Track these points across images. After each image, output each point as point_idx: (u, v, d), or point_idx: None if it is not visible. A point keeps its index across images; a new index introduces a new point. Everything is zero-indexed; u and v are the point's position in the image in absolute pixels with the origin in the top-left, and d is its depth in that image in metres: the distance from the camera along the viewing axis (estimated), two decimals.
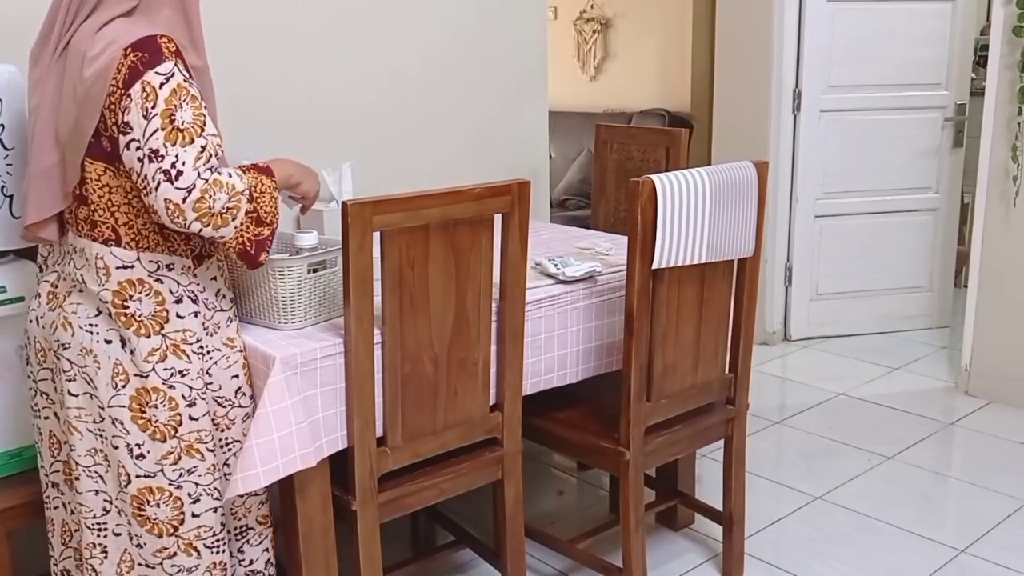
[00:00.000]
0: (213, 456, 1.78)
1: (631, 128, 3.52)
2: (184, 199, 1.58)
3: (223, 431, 1.83)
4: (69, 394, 1.75)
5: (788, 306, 4.38)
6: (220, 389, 1.80)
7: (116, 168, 1.66)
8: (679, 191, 2.02)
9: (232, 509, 1.89)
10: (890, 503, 2.87)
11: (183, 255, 1.74)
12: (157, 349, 1.71)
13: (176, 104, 1.59)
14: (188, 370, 1.74)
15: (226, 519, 1.87)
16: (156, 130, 1.58)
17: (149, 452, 1.72)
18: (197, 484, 1.77)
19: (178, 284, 1.73)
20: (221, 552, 1.82)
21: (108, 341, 1.71)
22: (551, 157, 4.17)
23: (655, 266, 2.04)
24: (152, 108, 1.58)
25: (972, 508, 2.84)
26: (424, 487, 2.02)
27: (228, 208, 1.64)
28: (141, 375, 1.70)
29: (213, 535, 1.80)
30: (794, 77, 4.14)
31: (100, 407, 1.73)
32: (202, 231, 1.63)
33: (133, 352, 1.70)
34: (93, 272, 1.70)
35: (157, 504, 1.74)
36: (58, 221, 1.76)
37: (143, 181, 1.60)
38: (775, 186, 4.18)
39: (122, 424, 1.71)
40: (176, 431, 1.73)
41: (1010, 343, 3.59)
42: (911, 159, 4.27)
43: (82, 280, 1.72)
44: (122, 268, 1.69)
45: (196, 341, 1.75)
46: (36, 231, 1.76)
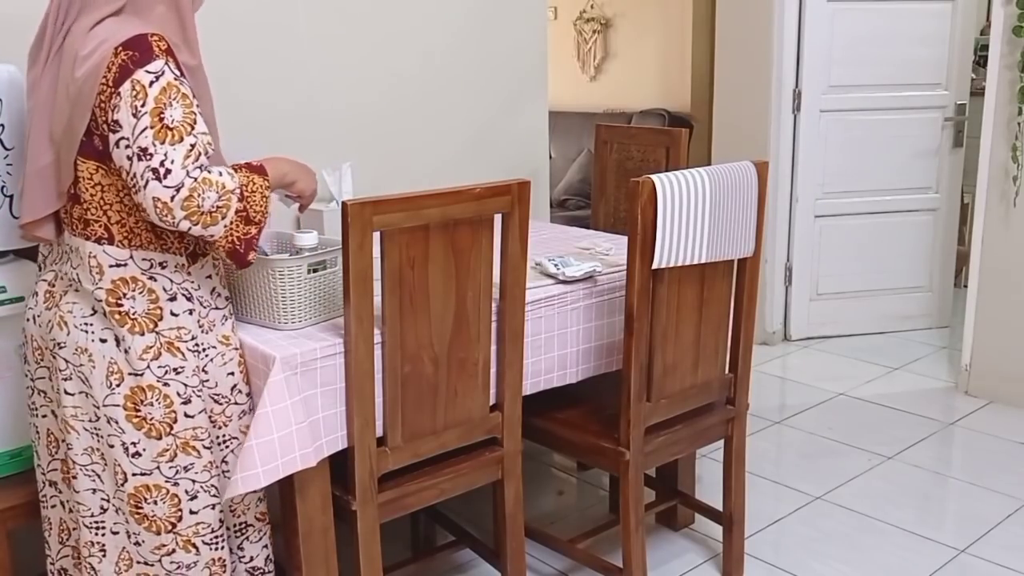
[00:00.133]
0: (210, 453, 1.79)
1: (631, 128, 3.52)
2: (172, 197, 1.57)
3: (220, 428, 1.83)
4: (65, 393, 1.75)
5: (788, 306, 4.37)
6: (216, 386, 1.81)
7: (108, 167, 1.66)
8: (679, 191, 2.02)
9: (231, 506, 1.89)
10: (890, 503, 2.87)
11: (177, 253, 1.74)
12: (151, 347, 1.71)
13: (166, 102, 1.59)
14: (183, 367, 1.74)
15: (225, 516, 1.87)
16: (145, 128, 1.57)
17: (145, 450, 1.72)
18: (194, 481, 1.77)
19: (172, 282, 1.73)
20: (220, 549, 1.82)
21: (103, 340, 1.71)
22: (551, 157, 4.17)
23: (655, 266, 2.04)
24: (141, 106, 1.57)
25: (972, 508, 2.84)
26: (424, 487, 2.02)
27: (218, 207, 1.63)
28: (135, 373, 1.70)
29: (211, 531, 1.80)
30: (794, 77, 4.14)
31: (95, 406, 1.73)
32: (191, 230, 1.62)
33: (127, 351, 1.70)
34: (87, 271, 1.70)
35: (154, 501, 1.74)
36: (55, 220, 1.76)
37: (132, 179, 1.60)
38: (775, 186, 4.18)
39: (117, 423, 1.71)
40: (171, 428, 1.73)
41: (1010, 343, 3.59)
42: (911, 159, 4.27)
43: (77, 279, 1.72)
44: (115, 266, 1.69)
45: (191, 339, 1.75)
46: (32, 230, 1.76)
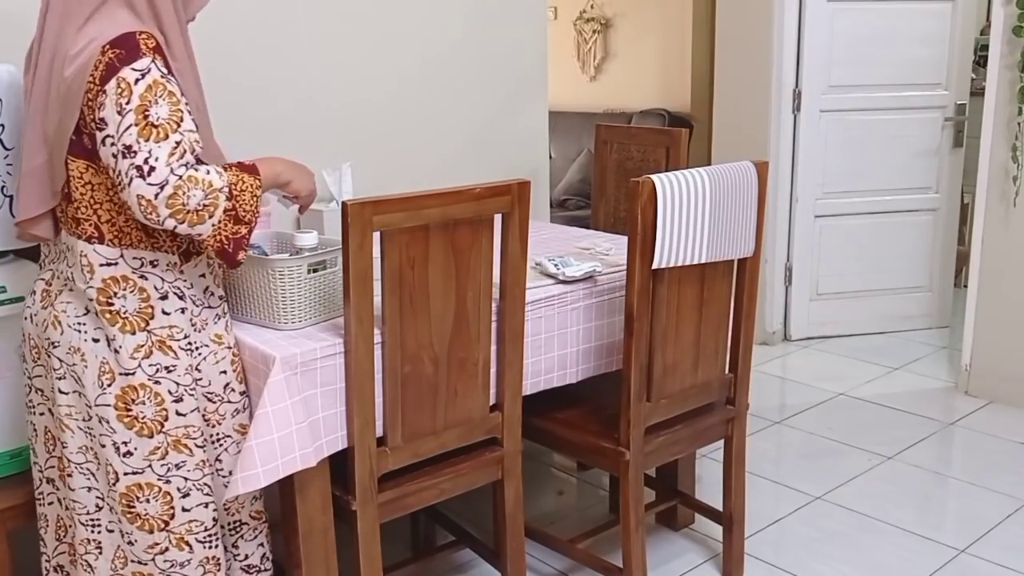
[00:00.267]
0: (203, 452, 1.78)
1: (631, 128, 3.52)
2: (156, 195, 1.56)
3: (213, 427, 1.83)
4: (59, 392, 1.76)
5: (788, 306, 4.37)
6: (209, 385, 1.80)
7: (97, 166, 1.65)
8: (679, 191, 2.02)
9: (225, 505, 1.89)
10: (890, 503, 2.87)
11: (168, 251, 1.73)
12: (142, 345, 1.71)
13: (151, 100, 1.57)
14: (175, 366, 1.74)
15: (219, 515, 1.87)
16: (130, 126, 1.56)
17: (136, 449, 1.72)
18: (187, 479, 1.76)
19: (163, 281, 1.73)
20: (214, 547, 1.82)
21: (95, 340, 1.71)
22: (551, 157, 4.17)
23: (655, 266, 2.04)
24: (126, 104, 1.56)
25: (972, 508, 2.84)
26: (424, 487, 2.02)
27: (204, 206, 1.61)
28: (126, 372, 1.70)
29: (205, 530, 1.80)
30: (794, 77, 4.14)
31: (88, 405, 1.73)
32: (177, 228, 1.61)
33: (118, 350, 1.70)
34: (79, 270, 1.70)
35: (147, 500, 1.74)
36: (53, 219, 1.76)
37: (118, 177, 1.59)
38: (775, 186, 4.18)
39: (108, 423, 1.72)
40: (163, 426, 1.73)
41: (1010, 343, 3.59)
42: (911, 159, 4.27)
43: (71, 278, 1.73)
44: (105, 265, 1.69)
45: (184, 337, 1.75)
46: (27, 228, 1.76)
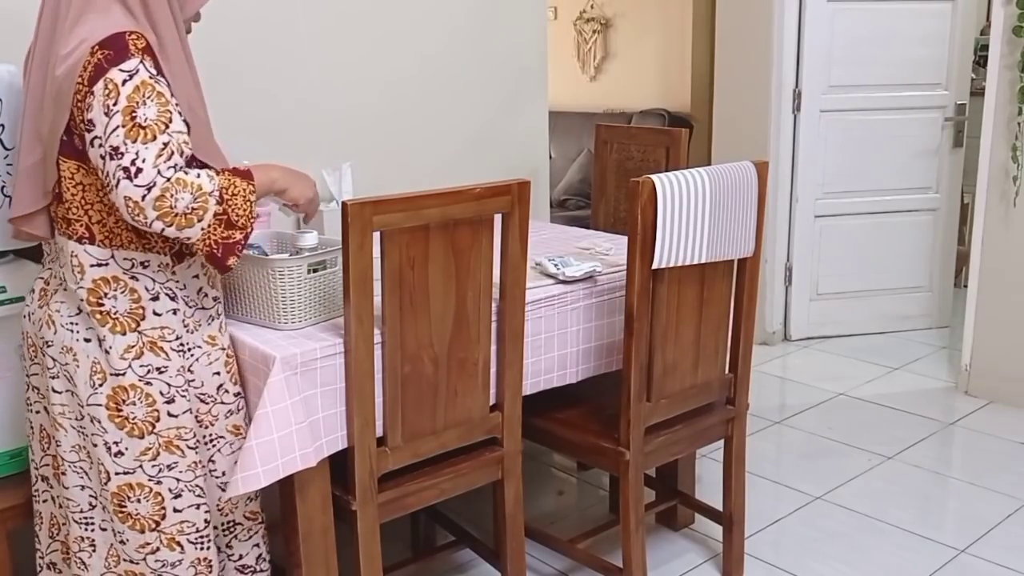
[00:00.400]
0: (195, 454, 1.78)
1: (631, 128, 3.52)
2: (143, 196, 1.55)
3: (206, 428, 1.83)
4: (53, 391, 1.76)
5: (788, 306, 4.37)
6: (202, 386, 1.80)
7: (88, 166, 1.65)
8: (679, 191, 2.02)
9: (218, 505, 1.88)
10: (890, 503, 2.87)
11: (160, 252, 1.73)
12: (133, 346, 1.71)
13: (138, 101, 1.57)
14: (166, 367, 1.73)
15: (212, 516, 1.86)
16: (117, 127, 1.55)
17: (127, 449, 1.72)
18: (178, 480, 1.76)
19: (154, 282, 1.72)
20: (206, 548, 1.81)
21: (87, 340, 1.71)
22: (551, 157, 4.17)
23: (655, 266, 2.04)
24: (113, 105, 1.56)
25: (972, 508, 2.84)
26: (424, 487, 2.02)
27: (192, 209, 1.60)
28: (117, 373, 1.70)
29: (196, 531, 1.80)
30: (794, 77, 4.14)
31: (80, 405, 1.74)
32: (165, 231, 1.60)
33: (109, 350, 1.70)
34: (70, 270, 1.70)
35: (138, 500, 1.74)
36: (47, 218, 1.76)
37: (106, 178, 1.59)
38: (775, 186, 4.18)
39: (100, 423, 1.72)
40: (154, 427, 1.73)
41: (1010, 343, 3.59)
42: (911, 159, 4.27)
43: (62, 278, 1.73)
44: (96, 266, 1.69)
45: (176, 338, 1.75)
46: (22, 225, 1.76)
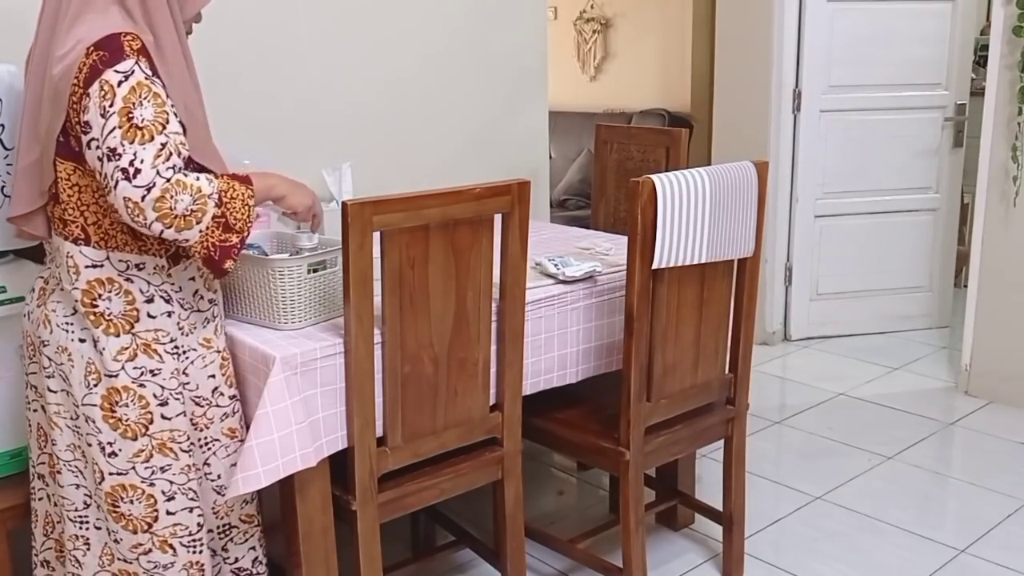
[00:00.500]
0: (188, 457, 1.78)
1: (631, 128, 3.52)
2: (143, 197, 1.55)
3: (201, 431, 1.82)
4: (48, 391, 1.77)
5: (788, 306, 4.37)
6: (197, 389, 1.80)
7: (84, 168, 1.65)
8: (679, 191, 2.02)
9: (214, 508, 1.88)
10: (890, 503, 2.87)
11: (156, 255, 1.72)
12: (126, 348, 1.71)
13: (135, 101, 1.56)
14: (160, 370, 1.73)
15: (207, 519, 1.86)
16: (114, 128, 1.55)
17: (121, 450, 1.73)
18: (171, 482, 1.76)
19: (149, 284, 1.72)
20: (198, 552, 1.81)
21: (82, 340, 1.71)
22: (551, 157, 4.17)
23: (655, 266, 2.04)
24: (109, 107, 1.56)
25: (972, 508, 2.84)
26: (424, 487, 2.02)
27: (192, 211, 1.60)
28: (110, 374, 1.70)
29: (189, 534, 1.79)
30: (794, 77, 4.14)
31: (75, 404, 1.74)
32: (163, 233, 1.59)
33: (102, 352, 1.70)
34: (65, 270, 1.70)
35: (131, 501, 1.75)
36: (45, 218, 1.76)
37: (104, 180, 1.59)
38: (775, 186, 4.18)
39: (94, 423, 1.72)
40: (147, 429, 1.73)
41: (1010, 343, 3.59)
42: (911, 159, 4.27)
43: (57, 278, 1.73)
44: (91, 267, 1.69)
45: (170, 341, 1.75)
46: (20, 225, 1.77)
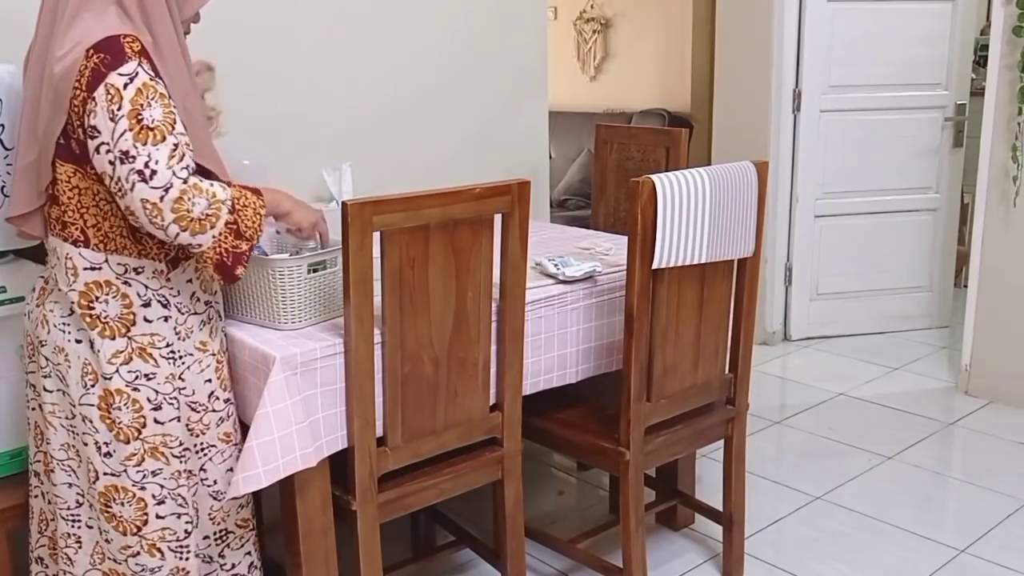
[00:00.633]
0: (179, 463, 1.78)
1: (631, 128, 3.52)
2: (162, 198, 1.56)
3: (197, 437, 1.82)
4: (45, 390, 1.77)
5: (788, 306, 4.37)
6: (193, 394, 1.80)
7: (85, 171, 1.64)
8: (679, 191, 2.02)
9: (210, 514, 1.87)
10: (890, 503, 2.87)
11: (155, 259, 1.72)
12: (122, 351, 1.71)
13: (142, 103, 1.56)
14: (155, 374, 1.73)
15: (203, 525, 1.86)
16: (124, 131, 1.55)
17: (115, 452, 1.73)
18: (162, 487, 1.76)
19: (147, 288, 1.72)
20: (185, 559, 1.81)
21: (78, 341, 1.72)
22: (551, 157, 4.17)
23: (655, 266, 2.04)
24: (118, 110, 1.55)
25: (972, 508, 2.84)
26: (424, 487, 2.02)
27: (207, 215, 1.61)
28: (105, 376, 1.70)
29: (177, 540, 1.79)
30: (794, 77, 4.14)
31: (71, 404, 1.74)
32: (179, 236, 1.60)
33: (98, 353, 1.70)
34: (63, 272, 1.70)
35: (122, 503, 1.75)
36: (43, 219, 1.75)
37: (117, 184, 1.58)
38: (775, 186, 4.18)
39: (91, 422, 1.72)
40: (140, 433, 1.73)
41: (1010, 343, 3.59)
42: (911, 159, 4.27)
43: (54, 279, 1.73)
44: (89, 269, 1.69)
45: (166, 346, 1.74)
46: (18, 225, 1.77)
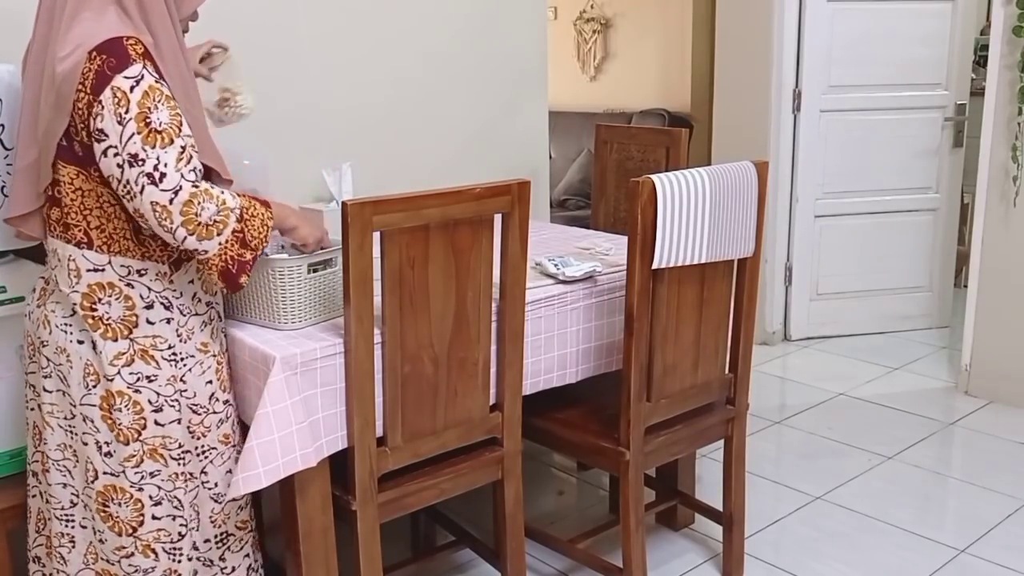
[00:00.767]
0: (178, 465, 1.78)
1: (631, 128, 3.52)
2: (171, 200, 1.57)
3: (198, 439, 1.82)
4: (44, 390, 1.77)
5: (788, 306, 4.37)
6: (195, 396, 1.80)
7: (88, 172, 1.64)
8: (679, 191, 2.02)
9: (211, 517, 1.87)
10: (890, 503, 2.87)
11: (158, 261, 1.72)
12: (123, 353, 1.71)
13: (149, 106, 1.57)
14: (156, 376, 1.73)
15: (203, 529, 1.86)
16: (132, 134, 1.56)
17: (115, 452, 1.73)
18: (159, 488, 1.76)
19: (150, 290, 1.72)
20: (178, 561, 1.81)
21: (80, 342, 1.72)
22: (551, 157, 4.17)
23: (655, 266, 2.04)
24: (125, 113, 1.56)
25: (972, 508, 2.84)
26: (424, 487, 2.02)
27: (215, 221, 1.62)
28: (107, 378, 1.70)
29: (171, 541, 1.79)
30: (794, 77, 4.14)
31: (72, 404, 1.74)
32: (186, 240, 1.61)
33: (100, 354, 1.70)
34: (65, 273, 1.70)
35: (119, 503, 1.75)
36: (42, 220, 1.75)
37: (125, 187, 1.58)
38: (775, 186, 4.18)
39: (93, 422, 1.72)
40: (140, 434, 1.73)
41: (1010, 343, 3.59)
42: (911, 159, 4.27)
43: (55, 280, 1.73)
44: (93, 271, 1.69)
45: (168, 348, 1.75)
46: (17, 225, 1.76)
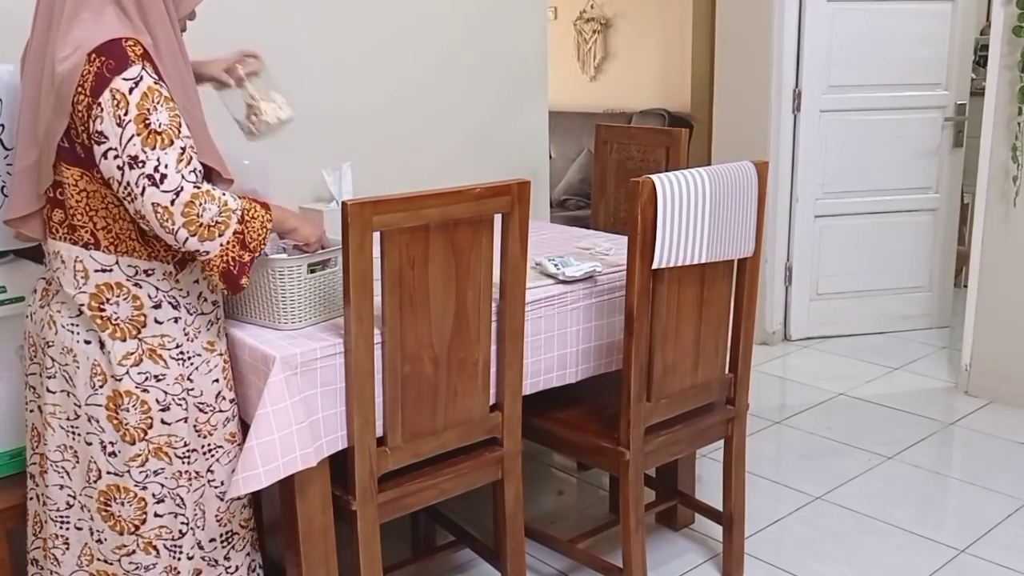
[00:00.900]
0: (182, 463, 1.78)
1: (631, 128, 3.52)
2: (172, 201, 1.58)
3: (205, 438, 1.82)
4: (48, 391, 1.77)
5: (788, 306, 4.37)
6: (201, 395, 1.80)
7: (91, 174, 1.64)
8: (679, 191, 2.02)
9: (217, 516, 1.87)
10: (890, 503, 2.87)
11: (164, 260, 1.73)
12: (132, 353, 1.71)
13: (149, 107, 1.57)
14: (164, 375, 1.74)
15: (209, 528, 1.86)
16: (132, 136, 1.56)
17: (119, 452, 1.73)
18: (163, 485, 1.77)
19: (157, 289, 1.73)
20: (177, 559, 1.81)
21: (87, 342, 1.72)
22: (551, 157, 4.17)
23: (655, 266, 2.04)
24: (124, 115, 1.56)
25: (972, 508, 2.84)
26: (424, 487, 2.02)
27: (216, 222, 1.63)
28: (115, 378, 1.71)
29: (172, 539, 1.80)
30: (794, 77, 4.14)
31: (77, 404, 1.74)
32: (188, 241, 1.61)
33: (108, 355, 1.70)
34: (70, 275, 1.70)
35: (122, 503, 1.75)
36: (42, 221, 1.75)
37: (126, 189, 1.58)
38: (775, 186, 4.18)
39: (98, 422, 1.72)
40: (146, 434, 1.73)
41: (1010, 343, 3.59)
42: (911, 159, 4.27)
43: (59, 282, 1.73)
44: (100, 271, 1.69)
45: (176, 347, 1.75)
46: (17, 227, 1.76)
